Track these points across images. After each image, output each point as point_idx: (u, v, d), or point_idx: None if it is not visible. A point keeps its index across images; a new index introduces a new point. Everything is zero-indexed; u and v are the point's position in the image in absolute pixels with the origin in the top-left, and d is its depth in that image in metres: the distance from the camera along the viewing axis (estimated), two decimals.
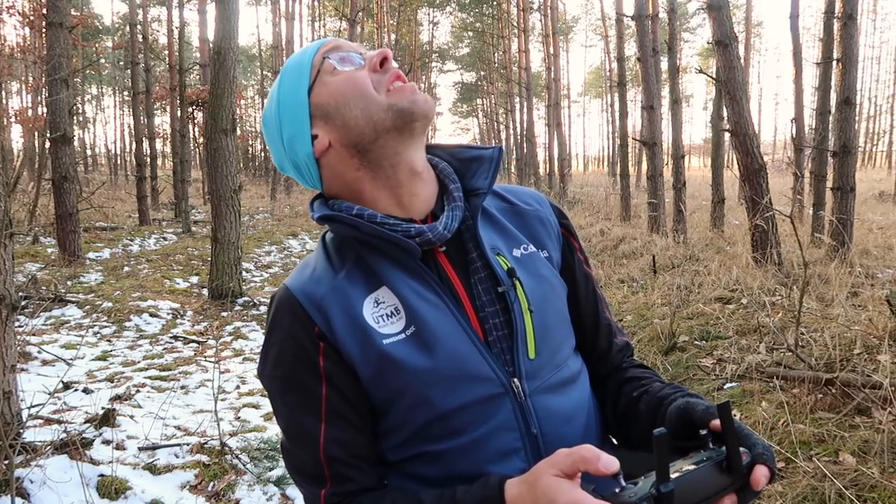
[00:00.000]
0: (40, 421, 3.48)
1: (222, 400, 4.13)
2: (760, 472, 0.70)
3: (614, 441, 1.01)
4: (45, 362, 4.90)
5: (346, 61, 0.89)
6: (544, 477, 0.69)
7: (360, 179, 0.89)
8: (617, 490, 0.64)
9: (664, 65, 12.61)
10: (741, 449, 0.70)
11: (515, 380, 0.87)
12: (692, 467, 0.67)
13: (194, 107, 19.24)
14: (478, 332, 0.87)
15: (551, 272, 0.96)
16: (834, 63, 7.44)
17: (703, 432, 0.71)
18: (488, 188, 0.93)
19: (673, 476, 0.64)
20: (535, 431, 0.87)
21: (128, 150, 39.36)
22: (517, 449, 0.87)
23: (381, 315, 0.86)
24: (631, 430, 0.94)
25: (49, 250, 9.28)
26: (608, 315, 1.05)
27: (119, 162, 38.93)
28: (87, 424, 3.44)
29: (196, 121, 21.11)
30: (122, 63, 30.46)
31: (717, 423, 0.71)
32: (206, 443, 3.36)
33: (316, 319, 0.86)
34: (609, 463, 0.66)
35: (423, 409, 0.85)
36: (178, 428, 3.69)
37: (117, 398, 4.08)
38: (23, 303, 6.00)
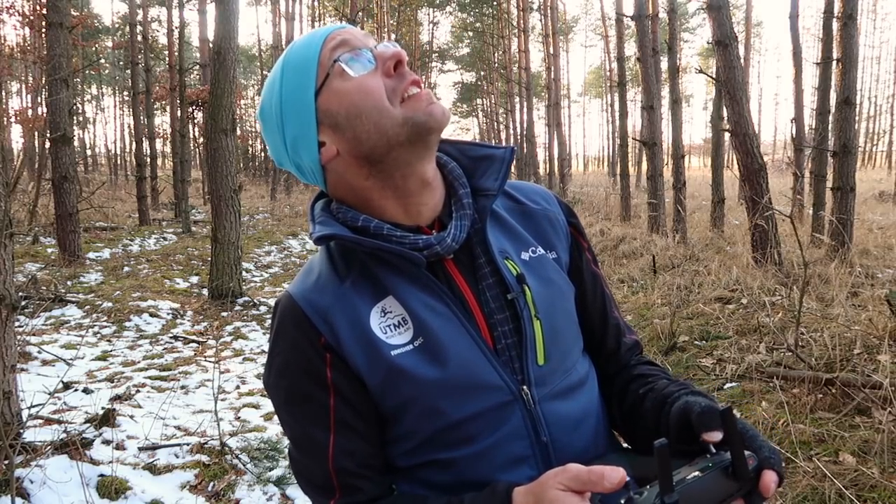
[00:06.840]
0: (40, 421, 3.48)
1: (222, 400, 4.13)
2: (769, 478, 0.69)
3: (623, 444, 0.99)
4: (45, 362, 4.90)
5: (357, 63, 0.82)
6: (551, 490, 0.69)
7: (368, 188, 0.86)
8: (622, 501, 0.64)
9: (664, 65, 12.59)
10: (747, 453, 0.68)
11: (525, 387, 0.86)
12: (697, 474, 0.66)
13: (194, 107, 19.26)
14: (487, 340, 0.85)
15: (559, 275, 0.94)
16: (834, 63, 7.43)
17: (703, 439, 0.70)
18: (498, 190, 0.90)
19: (678, 485, 0.63)
20: (545, 439, 0.86)
21: (128, 150, 39.40)
22: (527, 457, 0.86)
23: (389, 325, 0.84)
24: (637, 428, 0.92)
25: (49, 250, 9.27)
26: (616, 314, 1.03)
27: (119, 162, 38.93)
28: (87, 424, 3.43)
29: (196, 121, 21.13)
30: (122, 63, 30.51)
31: (709, 436, 0.69)
32: (206, 443, 3.36)
33: (321, 330, 0.84)
34: (613, 476, 0.64)
35: (433, 418, 0.84)
36: (178, 428, 3.68)
37: (117, 398, 4.07)
38: (23, 303, 6.00)
